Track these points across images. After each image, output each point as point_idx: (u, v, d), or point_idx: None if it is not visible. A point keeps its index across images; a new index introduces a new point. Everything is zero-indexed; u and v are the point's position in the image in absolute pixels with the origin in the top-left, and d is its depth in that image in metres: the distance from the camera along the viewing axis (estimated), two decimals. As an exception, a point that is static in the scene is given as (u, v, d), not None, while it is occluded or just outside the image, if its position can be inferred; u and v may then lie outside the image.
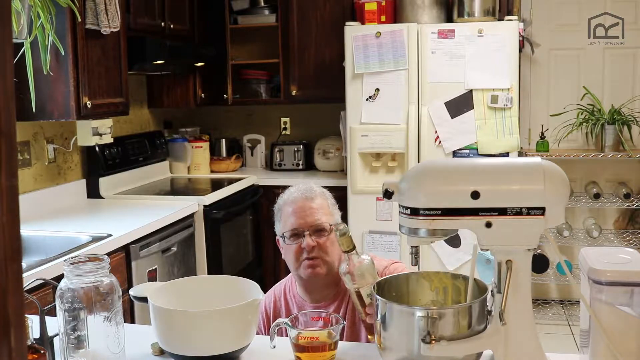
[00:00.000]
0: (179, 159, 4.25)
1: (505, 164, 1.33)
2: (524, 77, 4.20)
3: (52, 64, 2.66)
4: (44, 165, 3.19)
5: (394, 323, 1.24)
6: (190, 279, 2.22)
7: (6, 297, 0.55)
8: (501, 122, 3.52)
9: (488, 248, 1.23)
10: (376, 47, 3.59)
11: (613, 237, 4.22)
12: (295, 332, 1.39)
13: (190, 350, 1.36)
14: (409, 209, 1.21)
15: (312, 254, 1.77)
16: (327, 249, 1.78)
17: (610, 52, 4.20)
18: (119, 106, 3.18)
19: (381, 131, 3.63)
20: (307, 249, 1.77)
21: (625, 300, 1.22)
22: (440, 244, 3.51)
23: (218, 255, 3.52)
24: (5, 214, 0.55)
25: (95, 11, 2.83)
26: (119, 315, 1.32)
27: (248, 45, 4.50)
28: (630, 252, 1.30)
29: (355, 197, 3.70)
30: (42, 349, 1.23)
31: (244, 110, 4.68)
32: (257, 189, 4.07)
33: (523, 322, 1.22)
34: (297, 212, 1.80)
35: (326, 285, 1.81)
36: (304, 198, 1.82)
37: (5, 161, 0.55)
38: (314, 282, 1.81)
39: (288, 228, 1.81)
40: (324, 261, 1.77)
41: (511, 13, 3.98)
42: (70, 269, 1.28)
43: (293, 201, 1.83)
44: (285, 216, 1.83)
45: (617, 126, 3.94)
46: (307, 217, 1.79)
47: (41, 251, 2.55)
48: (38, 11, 2.27)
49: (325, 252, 1.78)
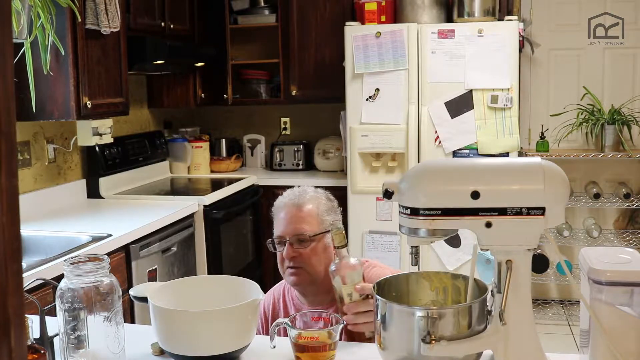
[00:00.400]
0: (179, 159, 4.25)
1: (505, 164, 1.33)
2: (524, 77, 4.20)
3: (52, 64, 2.66)
4: (44, 165, 3.19)
5: (394, 323, 1.24)
6: (190, 279, 2.22)
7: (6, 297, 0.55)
8: (501, 122, 3.52)
9: (488, 248, 1.23)
10: (376, 47, 3.59)
11: (613, 237, 4.22)
12: (295, 332, 1.39)
13: (190, 350, 1.36)
14: (409, 209, 1.21)
15: (293, 263, 1.76)
16: (310, 259, 1.74)
17: (610, 52, 4.20)
18: (119, 106, 3.18)
19: (381, 131, 3.63)
20: (286, 257, 1.77)
21: (625, 300, 1.22)
22: (440, 244, 3.51)
23: (218, 255, 3.52)
24: (5, 214, 0.55)
25: (95, 11, 2.83)
26: (119, 315, 1.32)
27: (248, 45, 4.50)
28: (630, 252, 1.30)
29: (355, 197, 3.70)
30: (42, 349, 1.23)
31: (244, 110, 4.68)
32: (257, 189, 4.07)
33: (523, 322, 1.22)
34: (284, 219, 1.80)
35: (318, 292, 1.78)
36: (292, 204, 1.80)
37: (5, 161, 0.55)
38: (301, 289, 1.81)
39: (275, 234, 1.81)
40: (305, 271, 1.75)
41: (511, 13, 3.98)
42: (70, 269, 1.28)
43: (283, 207, 1.82)
44: (276, 221, 1.83)
45: (617, 126, 3.94)
46: (291, 225, 1.78)
47: (41, 251, 2.55)
48: (38, 11, 2.27)
49: (307, 262, 1.75)
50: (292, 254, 1.76)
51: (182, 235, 3.19)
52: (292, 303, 1.88)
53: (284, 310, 1.88)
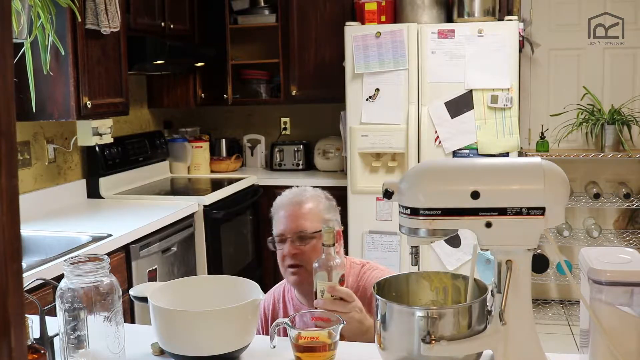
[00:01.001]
0: (179, 159, 4.25)
1: (505, 164, 1.33)
2: (524, 77, 4.20)
3: (52, 64, 2.66)
4: (44, 165, 3.19)
5: (394, 323, 1.24)
6: (190, 279, 2.22)
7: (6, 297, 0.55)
8: (501, 122, 3.52)
9: (488, 248, 1.23)
10: (376, 47, 3.59)
11: (613, 237, 4.22)
12: (295, 332, 1.39)
13: (190, 350, 1.36)
14: (409, 209, 1.21)
15: (294, 261, 1.76)
16: (310, 257, 1.74)
17: (610, 52, 4.20)
18: (119, 106, 3.18)
19: (381, 131, 3.63)
20: (287, 255, 1.77)
21: (625, 300, 1.22)
22: (440, 244, 3.51)
23: (218, 255, 3.52)
24: (5, 214, 0.55)
25: (95, 11, 2.83)
26: (119, 315, 1.32)
27: (248, 45, 4.50)
28: (630, 252, 1.30)
29: (355, 197, 3.70)
30: (42, 349, 1.23)
31: (244, 110, 4.68)
32: (257, 189, 4.07)
33: (523, 322, 1.22)
34: (285, 217, 1.80)
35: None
36: (293, 202, 1.82)
37: (5, 161, 0.55)
38: (301, 288, 1.81)
39: (276, 233, 1.81)
40: (306, 270, 1.75)
41: (511, 13, 3.98)
42: (70, 269, 1.28)
43: (283, 205, 1.83)
44: (276, 220, 1.84)
45: (617, 126, 3.94)
46: (292, 222, 1.78)
47: (41, 251, 2.55)
48: (38, 11, 2.27)
49: (308, 260, 1.74)
50: (293, 251, 1.76)
51: (182, 235, 3.19)
52: (291, 303, 1.88)
53: (284, 310, 1.88)
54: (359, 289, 1.78)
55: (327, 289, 1.53)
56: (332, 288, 1.53)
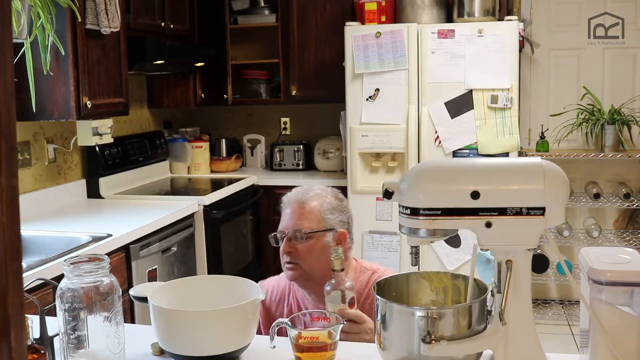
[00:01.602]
0: (179, 159, 4.25)
1: (505, 164, 1.33)
2: (524, 77, 4.20)
3: (52, 64, 2.66)
4: (44, 165, 3.19)
5: (394, 323, 1.24)
6: (190, 279, 2.22)
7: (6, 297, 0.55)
8: (501, 122, 3.52)
9: (488, 248, 1.23)
10: (376, 47, 3.59)
11: (613, 237, 4.22)
12: (296, 332, 1.39)
13: (190, 350, 1.36)
14: (409, 209, 1.21)
15: (289, 258, 1.81)
16: (305, 256, 1.79)
17: (610, 52, 4.20)
18: (119, 106, 3.18)
19: (381, 131, 3.63)
20: (282, 252, 1.82)
21: (625, 300, 1.22)
22: (440, 244, 3.51)
23: (218, 255, 3.52)
24: (5, 214, 0.55)
25: (95, 11, 2.83)
26: (119, 315, 1.32)
27: (248, 45, 4.50)
28: (630, 252, 1.30)
29: (355, 197, 3.70)
30: (42, 349, 1.23)
31: (244, 110, 4.68)
32: (257, 189, 4.07)
33: (523, 322, 1.22)
34: (287, 214, 1.85)
35: (317, 289, 1.79)
36: (296, 200, 1.85)
37: (5, 161, 0.55)
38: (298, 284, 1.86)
39: (278, 230, 1.86)
40: (301, 267, 1.80)
41: (511, 13, 3.98)
42: (70, 269, 1.28)
43: (289, 203, 1.87)
44: (282, 217, 1.88)
45: (617, 126, 3.94)
46: (291, 220, 1.83)
47: (41, 251, 2.55)
48: (38, 11, 2.27)
49: (302, 258, 1.79)
50: (287, 249, 1.81)
51: (182, 235, 3.19)
52: (295, 297, 1.90)
53: (287, 304, 1.90)
54: (368, 297, 1.79)
55: (337, 312, 1.56)
56: (342, 311, 1.57)
